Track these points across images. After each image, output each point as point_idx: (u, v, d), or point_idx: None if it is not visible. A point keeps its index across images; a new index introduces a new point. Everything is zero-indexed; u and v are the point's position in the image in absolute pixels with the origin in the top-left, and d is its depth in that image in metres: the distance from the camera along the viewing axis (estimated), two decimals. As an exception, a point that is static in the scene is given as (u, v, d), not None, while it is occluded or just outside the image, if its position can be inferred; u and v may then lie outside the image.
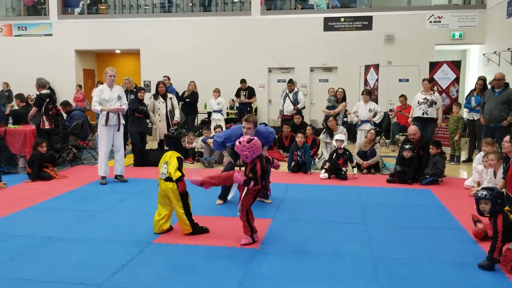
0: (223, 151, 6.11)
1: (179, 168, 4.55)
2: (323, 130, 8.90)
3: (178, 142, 4.77)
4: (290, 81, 11.11)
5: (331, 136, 8.58)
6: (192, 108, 12.10)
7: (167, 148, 4.84)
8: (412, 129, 7.56)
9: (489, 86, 8.97)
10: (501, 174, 5.92)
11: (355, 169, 7.63)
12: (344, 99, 10.65)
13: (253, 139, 4.38)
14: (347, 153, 7.69)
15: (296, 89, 11.07)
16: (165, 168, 4.61)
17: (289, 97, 10.76)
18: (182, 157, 4.70)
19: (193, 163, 9.07)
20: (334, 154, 7.68)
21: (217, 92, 11.69)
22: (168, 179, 4.59)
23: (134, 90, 9.93)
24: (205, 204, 5.74)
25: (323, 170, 7.75)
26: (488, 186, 4.39)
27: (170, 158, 4.62)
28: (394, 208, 5.82)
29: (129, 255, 4.15)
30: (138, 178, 7.53)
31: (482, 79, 9.43)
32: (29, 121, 8.43)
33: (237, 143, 4.40)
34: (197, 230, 4.64)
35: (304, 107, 11.09)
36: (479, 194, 3.98)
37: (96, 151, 9.14)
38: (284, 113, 10.81)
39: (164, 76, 12.72)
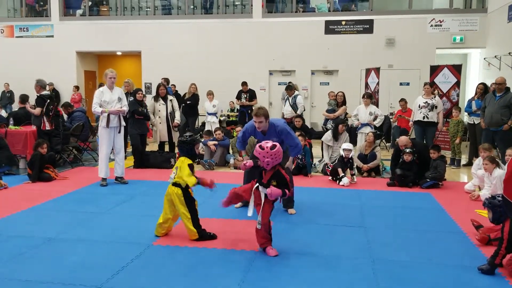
0: (242, 151, 6.09)
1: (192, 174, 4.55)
2: (330, 132, 8.80)
3: (192, 148, 4.73)
4: (288, 87, 11.18)
5: (336, 139, 8.54)
6: (193, 110, 12.11)
7: (180, 153, 4.78)
8: (403, 140, 7.50)
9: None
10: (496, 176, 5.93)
11: (355, 177, 7.59)
12: (344, 102, 10.67)
13: (277, 145, 4.18)
14: (351, 161, 7.68)
15: (295, 93, 11.13)
16: (174, 173, 4.57)
17: (288, 101, 10.91)
18: (193, 164, 4.65)
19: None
20: (339, 161, 7.64)
21: (210, 94, 11.71)
22: (175, 184, 4.56)
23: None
24: (205, 206, 5.73)
25: (344, 179, 7.34)
26: (495, 193, 4.37)
27: (182, 163, 4.57)
28: (394, 211, 5.82)
29: (129, 256, 4.15)
30: (138, 180, 7.53)
31: (483, 84, 9.46)
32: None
33: (258, 148, 4.16)
34: (205, 236, 4.59)
35: (304, 111, 11.15)
36: (483, 202, 4.04)
37: (96, 153, 9.15)
38: (284, 116, 10.89)
39: (162, 78, 12.74)
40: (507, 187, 3.63)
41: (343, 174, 7.41)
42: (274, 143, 4.22)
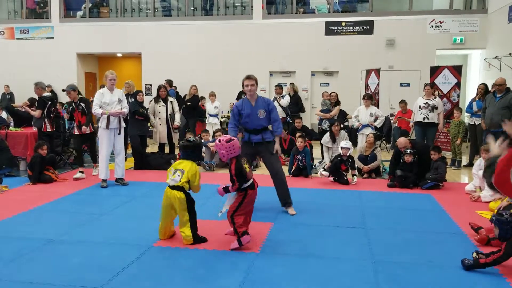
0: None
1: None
2: (327, 134, 8.82)
3: (200, 151, 4.69)
4: (278, 85, 11.53)
5: (334, 141, 8.56)
6: (193, 112, 12.12)
7: (183, 156, 4.66)
8: (402, 142, 7.49)
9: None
10: None
11: (355, 177, 7.59)
12: (337, 102, 10.72)
13: (233, 139, 4.47)
14: (350, 160, 7.67)
15: (284, 93, 11.26)
16: (179, 176, 4.48)
17: (277, 101, 11.00)
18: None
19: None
20: (337, 160, 7.64)
21: (213, 95, 11.69)
22: (176, 187, 4.48)
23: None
24: (205, 208, 5.73)
25: (322, 169, 7.79)
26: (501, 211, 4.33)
27: (193, 170, 4.51)
28: (394, 213, 5.81)
29: (129, 258, 4.15)
30: (139, 181, 7.54)
31: (484, 84, 9.45)
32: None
33: (216, 141, 4.51)
34: (197, 240, 4.55)
35: (288, 113, 11.15)
36: (490, 218, 4.05)
37: (96, 154, 9.14)
38: None
39: (165, 80, 12.74)
40: (498, 179, 3.64)
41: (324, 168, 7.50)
42: (231, 137, 4.53)
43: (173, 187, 4.49)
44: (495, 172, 3.61)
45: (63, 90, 8.45)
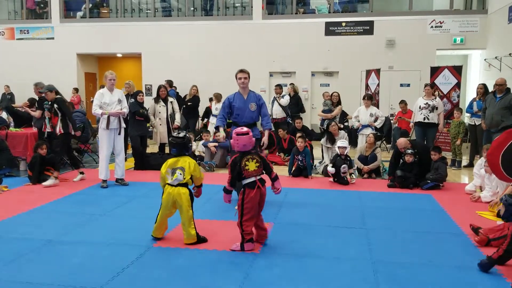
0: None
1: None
2: (324, 135, 8.87)
3: (189, 146, 4.67)
4: (278, 85, 11.58)
5: (332, 141, 8.57)
6: (194, 112, 12.13)
7: (176, 152, 4.63)
8: (402, 142, 7.47)
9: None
10: None
11: (354, 176, 7.59)
12: (339, 102, 10.71)
13: (243, 135, 4.35)
14: (348, 158, 7.67)
15: (283, 93, 11.27)
16: (180, 174, 4.47)
17: (277, 101, 10.99)
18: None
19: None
20: (337, 159, 7.65)
21: (216, 97, 11.67)
22: (180, 184, 4.48)
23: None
24: (206, 208, 5.73)
25: (330, 165, 7.68)
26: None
27: (192, 164, 4.51)
28: (394, 213, 5.80)
29: (129, 258, 4.15)
30: (139, 182, 7.53)
31: (483, 84, 9.45)
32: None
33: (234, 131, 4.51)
34: (198, 240, 4.56)
35: (288, 113, 11.15)
36: (500, 197, 4.07)
37: (97, 155, 9.15)
38: (274, 117, 10.86)
39: (165, 80, 12.73)
40: (489, 159, 3.66)
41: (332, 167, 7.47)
42: (246, 131, 4.41)
43: (178, 185, 4.49)
44: (488, 152, 3.66)
45: (40, 92, 8.17)
